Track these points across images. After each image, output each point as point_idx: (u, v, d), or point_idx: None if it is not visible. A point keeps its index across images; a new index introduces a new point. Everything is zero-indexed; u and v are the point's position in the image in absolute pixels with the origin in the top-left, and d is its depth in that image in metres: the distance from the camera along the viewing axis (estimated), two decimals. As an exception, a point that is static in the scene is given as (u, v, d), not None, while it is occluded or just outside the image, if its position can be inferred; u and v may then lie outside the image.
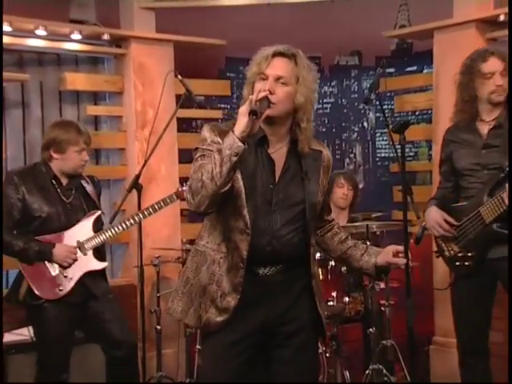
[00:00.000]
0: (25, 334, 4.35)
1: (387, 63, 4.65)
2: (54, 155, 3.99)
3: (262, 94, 2.59)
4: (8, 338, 4.53)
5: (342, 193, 5.14)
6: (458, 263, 3.98)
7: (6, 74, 5.08)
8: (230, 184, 2.62)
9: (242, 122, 2.55)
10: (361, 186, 6.92)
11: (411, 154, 6.51)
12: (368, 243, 4.63)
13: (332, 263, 4.69)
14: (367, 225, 4.63)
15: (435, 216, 4.05)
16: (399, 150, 3.87)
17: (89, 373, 4.33)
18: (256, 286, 2.74)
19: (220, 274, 2.73)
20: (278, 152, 2.78)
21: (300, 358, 2.81)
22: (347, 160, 6.77)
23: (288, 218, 2.74)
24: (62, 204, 3.97)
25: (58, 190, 3.99)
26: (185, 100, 4.68)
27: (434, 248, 4.22)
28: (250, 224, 2.69)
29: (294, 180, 2.78)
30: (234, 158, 2.55)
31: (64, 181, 4.02)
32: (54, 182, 4.00)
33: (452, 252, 4.00)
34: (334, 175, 5.28)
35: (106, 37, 5.17)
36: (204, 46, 5.68)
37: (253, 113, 2.54)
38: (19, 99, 5.25)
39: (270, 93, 2.64)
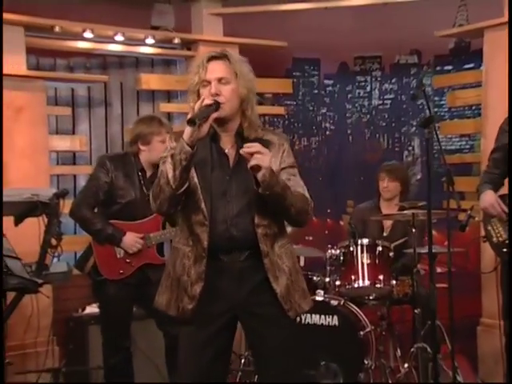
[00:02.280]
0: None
1: (445, 61, 4.60)
2: (142, 147, 4.06)
3: (207, 102, 2.62)
4: (89, 310, 4.79)
5: (382, 186, 5.20)
6: (504, 249, 3.96)
7: (89, 76, 5.36)
8: (185, 185, 2.66)
9: (187, 129, 2.59)
10: (418, 176, 6.89)
11: (467, 146, 6.45)
12: (414, 230, 4.69)
13: (379, 248, 4.72)
14: (413, 213, 4.64)
15: (491, 198, 4.06)
16: (442, 144, 3.88)
17: (151, 344, 4.46)
18: (222, 272, 2.76)
19: (189, 265, 2.76)
20: (232, 145, 2.79)
21: (264, 331, 2.80)
22: (406, 152, 6.78)
23: (242, 205, 2.72)
24: (142, 195, 3.99)
25: (142, 181, 4.04)
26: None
27: (483, 233, 4.21)
28: (208, 216, 2.71)
29: (244, 170, 2.72)
30: (184, 162, 2.59)
31: (149, 173, 4.07)
32: (140, 174, 4.06)
33: (500, 239, 3.99)
34: (379, 169, 5.33)
35: (176, 41, 5.32)
36: (267, 47, 5.75)
37: (190, 121, 2.56)
38: (102, 98, 5.48)
39: (218, 94, 2.66)
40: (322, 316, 4.51)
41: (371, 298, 4.80)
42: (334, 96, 7.03)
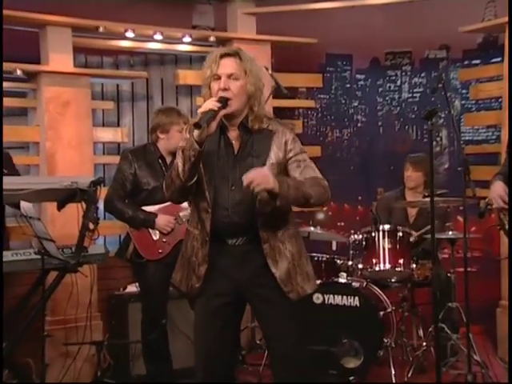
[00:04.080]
0: (141, 286, 4.65)
1: (473, 55, 4.56)
2: (160, 136, 4.17)
3: (209, 106, 2.65)
4: (129, 289, 4.90)
5: (406, 175, 5.21)
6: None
7: (131, 72, 5.46)
8: (195, 178, 2.72)
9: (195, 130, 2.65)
10: (446, 166, 6.82)
11: (493, 137, 6.35)
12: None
13: (400, 234, 4.72)
14: (432, 200, 4.62)
15: (499, 189, 4.02)
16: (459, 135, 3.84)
17: (186, 321, 4.49)
18: (226, 255, 2.82)
19: (197, 247, 2.84)
20: (237, 136, 2.82)
21: (267, 311, 2.86)
22: (434, 143, 6.69)
23: (244, 192, 2.73)
24: None
25: (163, 167, 4.15)
26: (275, 91, 4.83)
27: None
28: (211, 203, 2.75)
29: (247, 159, 2.78)
30: (193, 159, 2.66)
31: (168, 159, 4.17)
32: (160, 161, 4.17)
33: (512, 226, 3.96)
34: (406, 159, 5.32)
35: (212, 39, 5.38)
36: (297, 44, 5.77)
37: (196, 125, 2.62)
38: (144, 93, 5.57)
39: (226, 89, 2.70)
40: (344, 297, 4.54)
41: (393, 280, 4.82)
42: (366, 90, 6.96)
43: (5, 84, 4.86)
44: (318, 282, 4.69)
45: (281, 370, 2.88)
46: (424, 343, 4.66)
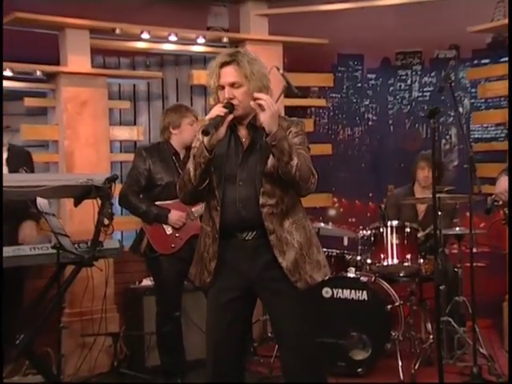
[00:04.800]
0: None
1: (482, 55, 4.54)
2: (173, 132, 4.19)
3: (216, 112, 2.66)
4: (145, 282, 4.95)
5: (423, 175, 5.18)
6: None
7: (146, 72, 5.51)
8: (206, 181, 2.75)
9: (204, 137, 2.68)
10: (455, 163, 6.80)
11: (502, 135, 6.32)
12: (440, 213, 4.67)
13: (407, 230, 4.73)
14: (439, 197, 4.63)
15: (504, 185, 4.02)
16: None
17: (200, 313, 4.41)
18: (236, 250, 2.83)
19: (209, 243, 2.85)
20: (246, 134, 2.83)
21: (276, 303, 2.86)
22: (443, 141, 6.69)
23: (251, 188, 2.76)
24: (179, 175, 4.12)
25: (177, 164, 4.16)
26: (286, 90, 4.82)
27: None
28: (220, 201, 2.78)
29: (255, 156, 2.80)
30: (203, 166, 2.69)
31: (182, 154, 4.19)
32: (174, 158, 4.19)
33: (516, 222, 3.95)
34: (417, 158, 5.30)
35: (225, 40, 5.40)
36: (309, 45, 5.77)
37: (204, 132, 2.64)
38: (160, 93, 5.62)
39: (231, 98, 2.71)
40: (353, 291, 4.56)
41: (401, 275, 4.83)
42: (377, 89, 6.96)
43: (25, 84, 4.94)
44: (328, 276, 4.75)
45: (289, 360, 2.89)
46: (431, 336, 4.66)
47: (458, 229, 4.70)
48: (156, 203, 4.16)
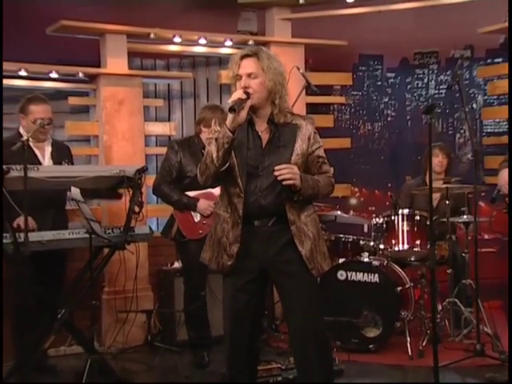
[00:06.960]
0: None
1: (495, 54, 4.45)
2: (203, 129, 4.22)
3: (240, 96, 2.72)
4: (176, 265, 5.02)
5: (437, 160, 5.17)
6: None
7: (179, 73, 5.59)
8: (227, 164, 2.76)
9: (229, 117, 2.71)
10: (469, 156, 6.75)
11: (513, 129, 6.26)
12: (447, 202, 4.66)
13: (417, 218, 4.73)
14: (446, 187, 4.63)
15: (506, 176, 3.98)
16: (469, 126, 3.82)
17: None
18: (253, 235, 2.84)
19: (228, 228, 2.85)
20: (265, 129, 2.86)
21: (290, 286, 2.87)
22: (458, 135, 6.66)
23: (272, 179, 2.78)
24: None
25: None
26: (306, 89, 4.85)
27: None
28: (243, 189, 2.79)
29: (275, 149, 2.82)
30: (226, 145, 2.71)
31: None
32: (203, 151, 4.29)
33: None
34: (432, 147, 5.27)
35: (251, 42, 5.42)
36: (328, 46, 5.75)
37: (231, 109, 2.68)
38: (192, 91, 5.69)
39: (246, 87, 2.74)
40: (365, 274, 4.58)
41: (412, 259, 4.84)
42: (395, 87, 6.95)
43: (69, 85, 5.06)
44: (343, 260, 4.79)
45: (297, 341, 2.90)
46: (438, 316, 4.66)
47: (465, 217, 4.68)
48: (186, 193, 4.21)
